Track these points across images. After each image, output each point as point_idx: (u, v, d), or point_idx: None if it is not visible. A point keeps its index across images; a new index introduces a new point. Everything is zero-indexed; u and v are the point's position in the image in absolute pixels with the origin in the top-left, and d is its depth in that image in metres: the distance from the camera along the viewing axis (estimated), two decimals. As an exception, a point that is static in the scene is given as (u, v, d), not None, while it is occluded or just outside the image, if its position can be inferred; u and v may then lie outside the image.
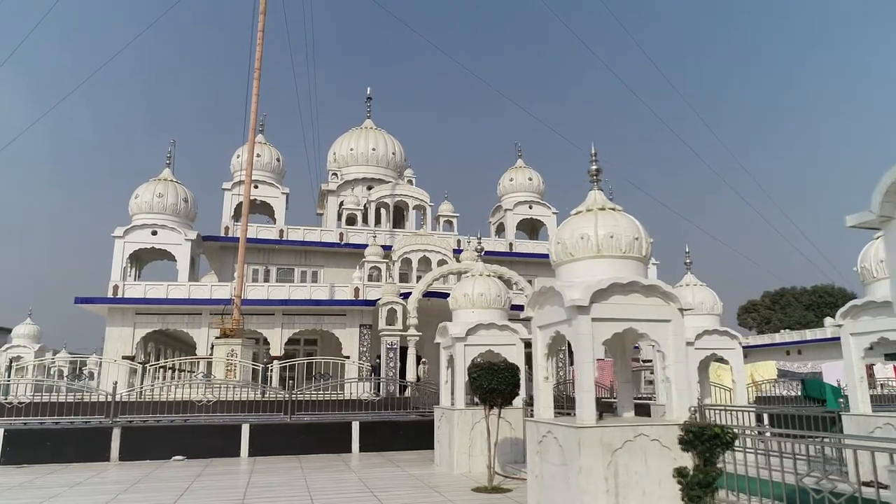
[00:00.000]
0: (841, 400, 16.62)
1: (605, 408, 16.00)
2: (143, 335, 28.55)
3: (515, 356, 12.61)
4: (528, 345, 11.21)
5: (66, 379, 32.55)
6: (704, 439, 5.35)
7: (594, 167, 9.01)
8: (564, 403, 18.11)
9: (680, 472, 5.32)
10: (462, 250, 32.19)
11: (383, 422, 16.53)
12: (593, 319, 7.73)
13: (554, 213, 38.64)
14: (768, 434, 7.05)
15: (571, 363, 27.60)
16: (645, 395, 22.95)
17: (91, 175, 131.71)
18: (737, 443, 6.73)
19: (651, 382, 30.65)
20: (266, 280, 32.95)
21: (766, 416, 17.17)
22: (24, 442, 14.05)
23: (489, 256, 33.75)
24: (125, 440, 14.59)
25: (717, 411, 13.61)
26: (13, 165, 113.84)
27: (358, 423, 16.05)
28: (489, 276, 13.55)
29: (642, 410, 15.54)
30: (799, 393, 20.81)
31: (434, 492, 10.27)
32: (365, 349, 28.96)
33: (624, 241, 8.17)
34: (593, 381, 7.70)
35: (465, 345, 12.70)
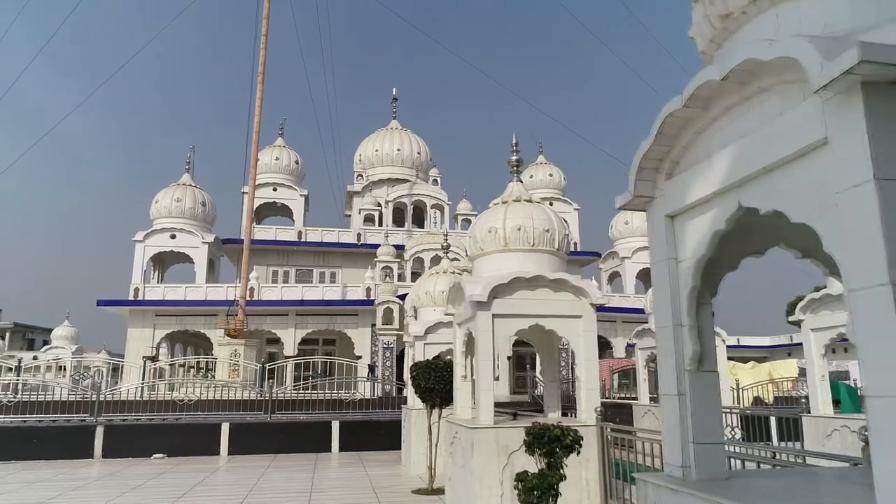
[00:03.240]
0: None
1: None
2: (164, 335, 29.35)
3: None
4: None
5: (104, 380, 33.91)
6: (545, 442, 5.00)
7: (514, 158, 8.66)
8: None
9: (519, 477, 4.98)
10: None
11: (367, 422, 16.43)
12: (494, 315, 7.41)
13: (576, 209, 37.80)
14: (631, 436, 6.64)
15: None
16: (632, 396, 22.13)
17: (117, 176, 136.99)
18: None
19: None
20: (285, 281, 33.40)
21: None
22: (10, 439, 14.53)
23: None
24: (108, 438, 14.92)
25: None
26: (37, 165, 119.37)
27: (338, 422, 15.99)
28: (453, 273, 13.27)
29: (624, 410, 14.96)
30: (812, 393, 19.65)
31: (373, 493, 10.10)
32: (377, 349, 28.97)
33: (533, 234, 7.81)
34: (492, 379, 7.36)
35: (424, 343, 12.48)
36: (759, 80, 2.66)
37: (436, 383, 9.92)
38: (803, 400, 15.20)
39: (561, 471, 5.05)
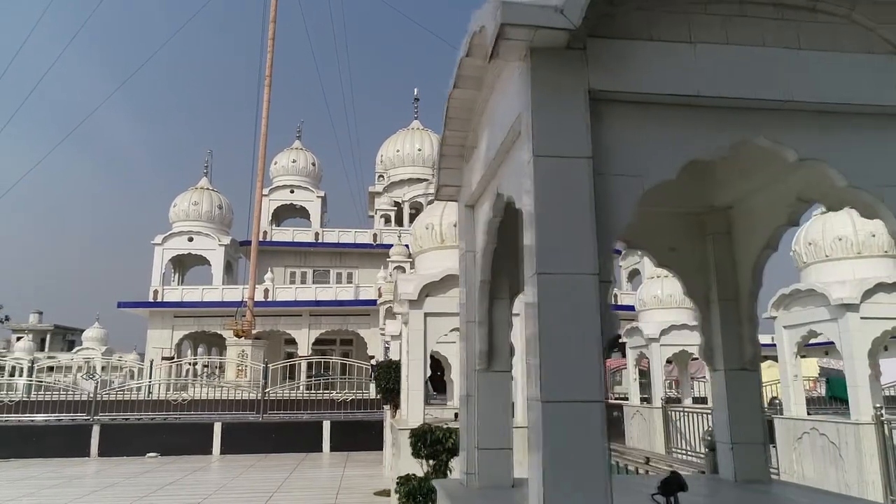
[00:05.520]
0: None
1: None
2: (184, 336, 29.96)
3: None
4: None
5: (135, 379, 34.86)
6: (428, 444, 4.82)
7: (460, 152, 8.45)
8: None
9: (400, 481, 4.82)
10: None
11: (360, 422, 16.38)
12: (427, 314, 7.25)
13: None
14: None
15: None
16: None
17: (142, 178, 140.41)
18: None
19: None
20: (303, 282, 33.69)
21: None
22: (11, 438, 14.94)
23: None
24: (104, 437, 15.23)
25: (677, 412, 12.58)
26: (64, 167, 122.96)
27: (329, 423, 15.99)
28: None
29: (616, 410, 14.60)
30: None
31: (336, 494, 10.02)
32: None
33: (470, 230, 7.60)
34: (423, 378, 7.19)
35: (399, 343, 12.34)
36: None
37: (395, 384, 9.81)
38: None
39: (447, 475, 4.86)
